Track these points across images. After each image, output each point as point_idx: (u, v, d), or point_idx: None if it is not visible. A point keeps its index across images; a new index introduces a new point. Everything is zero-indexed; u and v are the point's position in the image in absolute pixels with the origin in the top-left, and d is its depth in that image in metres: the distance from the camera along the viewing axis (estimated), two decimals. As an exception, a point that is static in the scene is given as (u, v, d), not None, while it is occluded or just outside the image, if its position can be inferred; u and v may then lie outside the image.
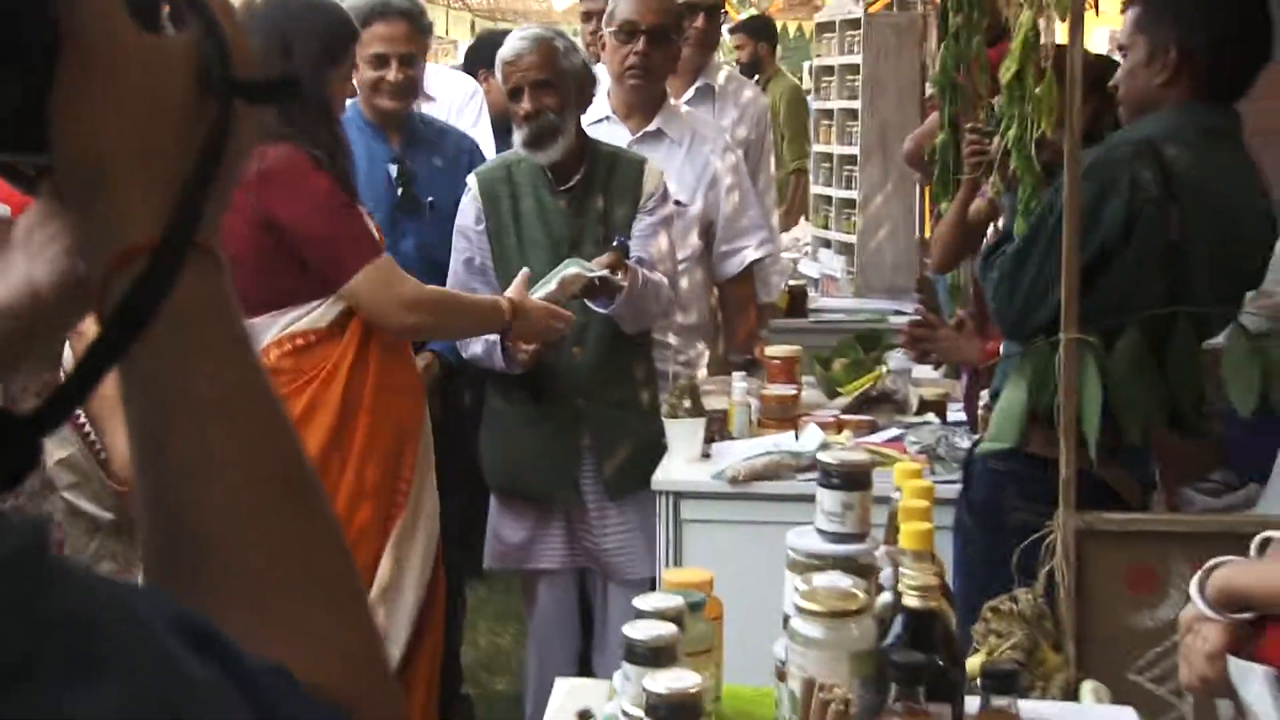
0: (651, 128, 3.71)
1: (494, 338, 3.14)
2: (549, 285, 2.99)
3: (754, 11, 14.52)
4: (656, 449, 3.15)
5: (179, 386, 0.64)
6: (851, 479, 1.62)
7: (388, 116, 3.53)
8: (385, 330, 2.75)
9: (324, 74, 2.65)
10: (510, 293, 2.97)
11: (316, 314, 2.67)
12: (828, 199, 6.68)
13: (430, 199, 3.55)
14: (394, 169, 3.52)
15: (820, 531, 1.63)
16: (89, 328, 0.65)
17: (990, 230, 3.38)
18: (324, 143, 2.64)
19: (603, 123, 3.70)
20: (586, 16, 4.92)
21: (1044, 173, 2.64)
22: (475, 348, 3.22)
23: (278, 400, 0.68)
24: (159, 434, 0.64)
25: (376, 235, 2.76)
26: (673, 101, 3.84)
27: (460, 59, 5.83)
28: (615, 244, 3.19)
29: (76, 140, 0.63)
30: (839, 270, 5.93)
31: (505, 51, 3.22)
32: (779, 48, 7.40)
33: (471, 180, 3.34)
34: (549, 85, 3.18)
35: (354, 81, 2.88)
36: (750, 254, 3.82)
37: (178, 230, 0.63)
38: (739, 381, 3.26)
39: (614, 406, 3.26)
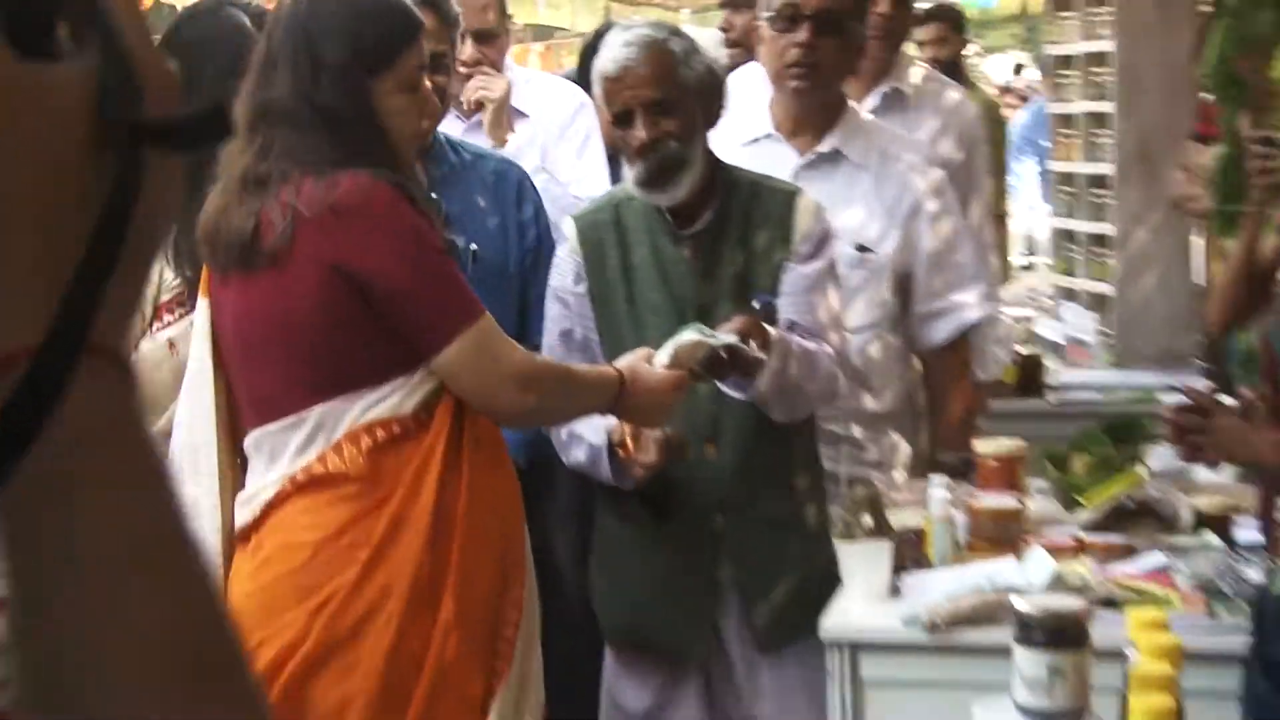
0: (825, 147, 3.72)
1: (599, 441, 3.17)
2: (659, 359, 2.99)
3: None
4: (826, 583, 3.13)
5: (54, 533, 0.65)
6: (1059, 634, 1.59)
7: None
8: (493, 414, 2.78)
9: (365, 85, 2.68)
10: (621, 362, 2.98)
11: (398, 397, 2.67)
12: (1070, 235, 6.60)
13: (473, 245, 3.55)
14: None
15: (1020, 708, 1.60)
16: None
17: None
18: (389, 170, 2.68)
19: (762, 142, 3.74)
20: (731, 4, 4.97)
21: None
22: (577, 454, 3.25)
23: (195, 548, 0.69)
24: (38, 593, 0.65)
25: None
26: (855, 109, 3.85)
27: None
28: (755, 304, 3.19)
29: None
30: (1089, 332, 5.85)
31: (606, 64, 3.23)
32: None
33: (569, 227, 3.38)
34: (668, 105, 3.20)
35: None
36: (967, 314, 3.79)
37: (65, 330, 0.63)
38: (939, 489, 3.22)
39: (766, 525, 3.25)
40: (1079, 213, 6.47)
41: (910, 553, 3.17)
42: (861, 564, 3.07)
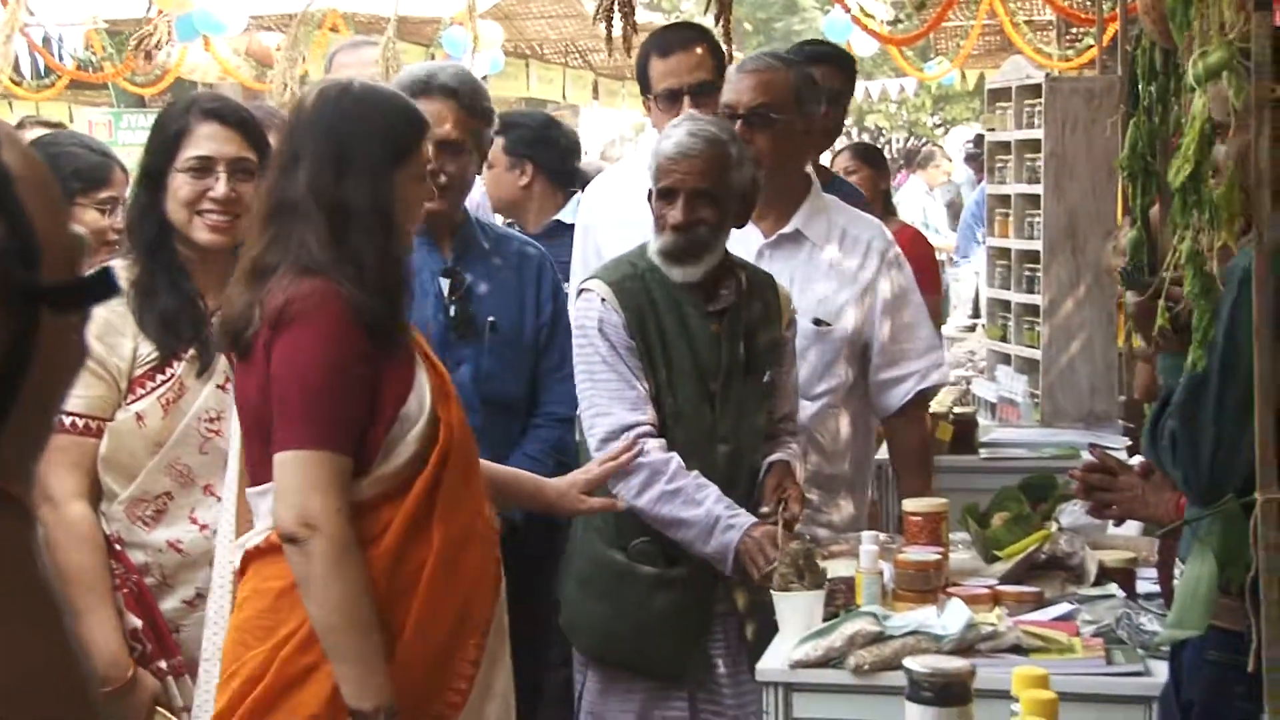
0: (788, 228, 3.75)
1: (728, 541, 3.22)
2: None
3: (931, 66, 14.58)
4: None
5: None
6: (947, 692, 1.63)
7: (435, 220, 3.48)
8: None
9: (387, 178, 2.68)
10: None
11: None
12: (1005, 304, 6.66)
13: (491, 318, 3.59)
14: (445, 283, 3.56)
15: (907, 759, 1.63)
16: None
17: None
18: (368, 271, 2.63)
19: None
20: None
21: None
22: (685, 533, 3.28)
23: (85, 681, 0.69)
24: None
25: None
26: (817, 191, 3.87)
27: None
28: (766, 378, 3.35)
29: None
30: (1020, 393, 5.90)
31: (668, 145, 3.30)
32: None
33: (600, 287, 3.36)
34: (710, 197, 3.28)
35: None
36: (924, 380, 3.84)
37: None
38: (868, 544, 3.26)
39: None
40: (1013, 284, 6.53)
41: (843, 601, 3.20)
42: (796, 612, 3.10)
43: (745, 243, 3.66)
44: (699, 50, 4.05)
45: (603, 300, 3.34)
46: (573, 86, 15.98)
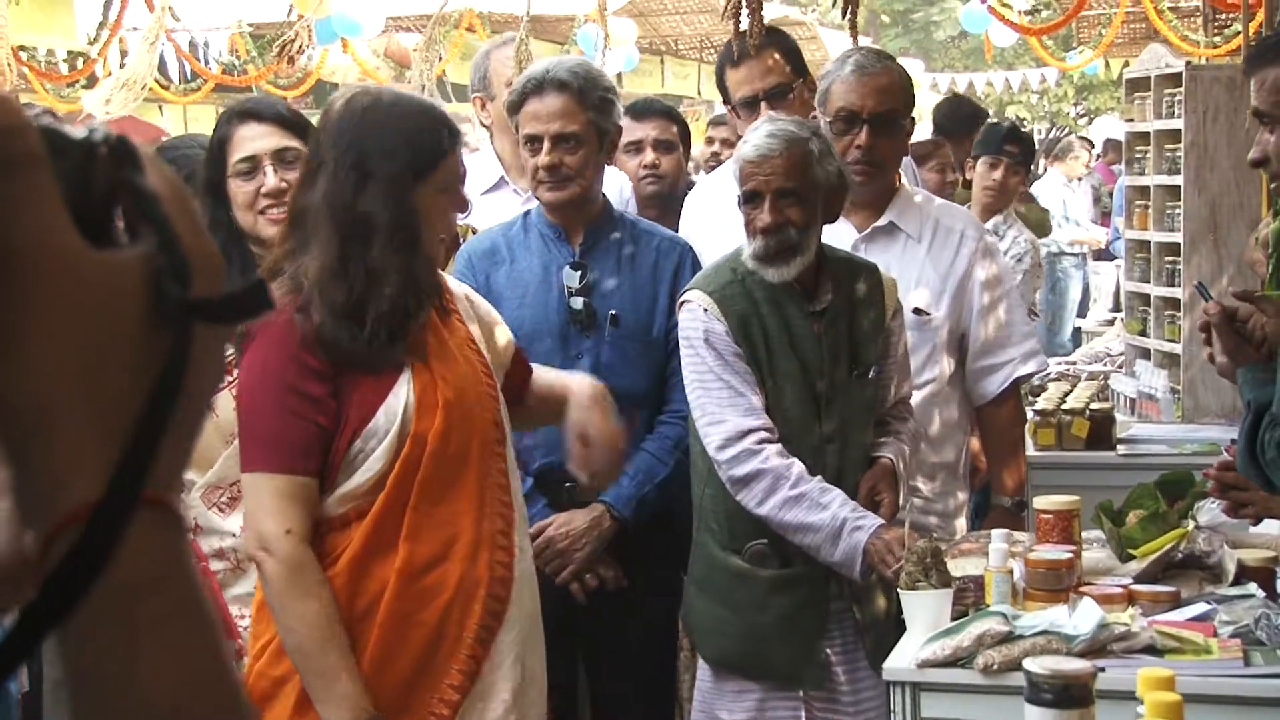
0: (882, 222, 3.76)
1: (855, 543, 3.18)
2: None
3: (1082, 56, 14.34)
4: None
5: (116, 676, 0.66)
6: (1066, 694, 1.61)
7: (563, 212, 3.60)
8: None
9: (408, 192, 2.62)
10: None
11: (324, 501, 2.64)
12: (1144, 298, 6.52)
13: (613, 312, 3.59)
14: (575, 275, 3.58)
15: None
16: None
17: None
18: (384, 285, 2.58)
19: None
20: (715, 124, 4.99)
21: None
22: (812, 538, 3.24)
23: (238, 685, 0.71)
24: None
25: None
26: (906, 186, 3.88)
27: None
28: (871, 374, 3.33)
29: (10, 377, 0.65)
30: (1160, 388, 5.78)
31: (748, 149, 3.30)
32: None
33: (700, 298, 3.34)
34: (795, 195, 3.26)
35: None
36: (1019, 368, 3.82)
37: (121, 488, 0.65)
38: (999, 542, 3.22)
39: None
40: (1153, 277, 6.40)
41: (972, 600, 3.17)
42: (924, 611, 3.08)
43: (839, 238, 3.65)
44: (771, 55, 4.09)
45: (705, 310, 3.32)
46: (708, 82, 15.95)
